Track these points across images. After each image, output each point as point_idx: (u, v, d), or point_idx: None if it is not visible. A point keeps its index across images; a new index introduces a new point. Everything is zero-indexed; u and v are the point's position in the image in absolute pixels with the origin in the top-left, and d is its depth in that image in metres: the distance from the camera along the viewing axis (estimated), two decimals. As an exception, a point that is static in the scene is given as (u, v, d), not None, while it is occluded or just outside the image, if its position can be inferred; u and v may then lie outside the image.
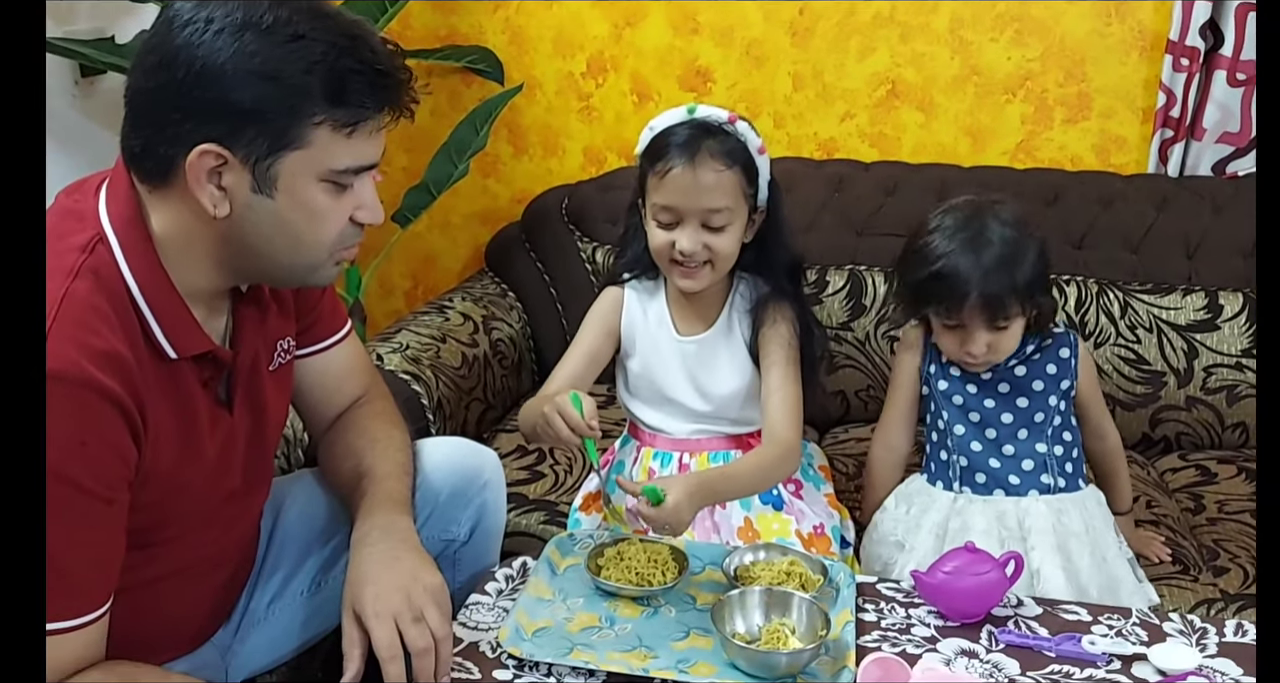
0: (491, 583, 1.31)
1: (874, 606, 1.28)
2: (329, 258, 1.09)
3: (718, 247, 1.41)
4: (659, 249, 1.44)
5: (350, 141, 1.02)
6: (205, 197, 1.00)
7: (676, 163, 1.37)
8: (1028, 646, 1.20)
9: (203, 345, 1.07)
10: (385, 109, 1.04)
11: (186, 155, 0.98)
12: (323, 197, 1.04)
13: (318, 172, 1.02)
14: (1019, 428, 1.50)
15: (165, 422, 1.04)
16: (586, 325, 1.56)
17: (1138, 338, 1.95)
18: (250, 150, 0.99)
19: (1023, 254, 1.42)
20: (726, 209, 1.40)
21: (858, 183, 2.16)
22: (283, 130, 0.99)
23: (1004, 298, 1.40)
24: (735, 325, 1.52)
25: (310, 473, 1.39)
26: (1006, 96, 2.22)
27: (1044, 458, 1.50)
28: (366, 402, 1.36)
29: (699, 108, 1.42)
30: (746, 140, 1.42)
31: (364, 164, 1.05)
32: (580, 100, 2.41)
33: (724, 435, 1.54)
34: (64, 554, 0.93)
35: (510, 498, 1.69)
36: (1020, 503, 1.48)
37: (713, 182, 1.38)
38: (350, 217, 1.08)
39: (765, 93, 2.31)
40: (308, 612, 1.31)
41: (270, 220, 1.03)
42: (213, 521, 1.16)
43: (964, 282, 1.40)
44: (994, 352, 1.45)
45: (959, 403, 1.52)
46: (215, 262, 1.06)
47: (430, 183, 2.20)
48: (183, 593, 1.17)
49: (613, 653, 1.16)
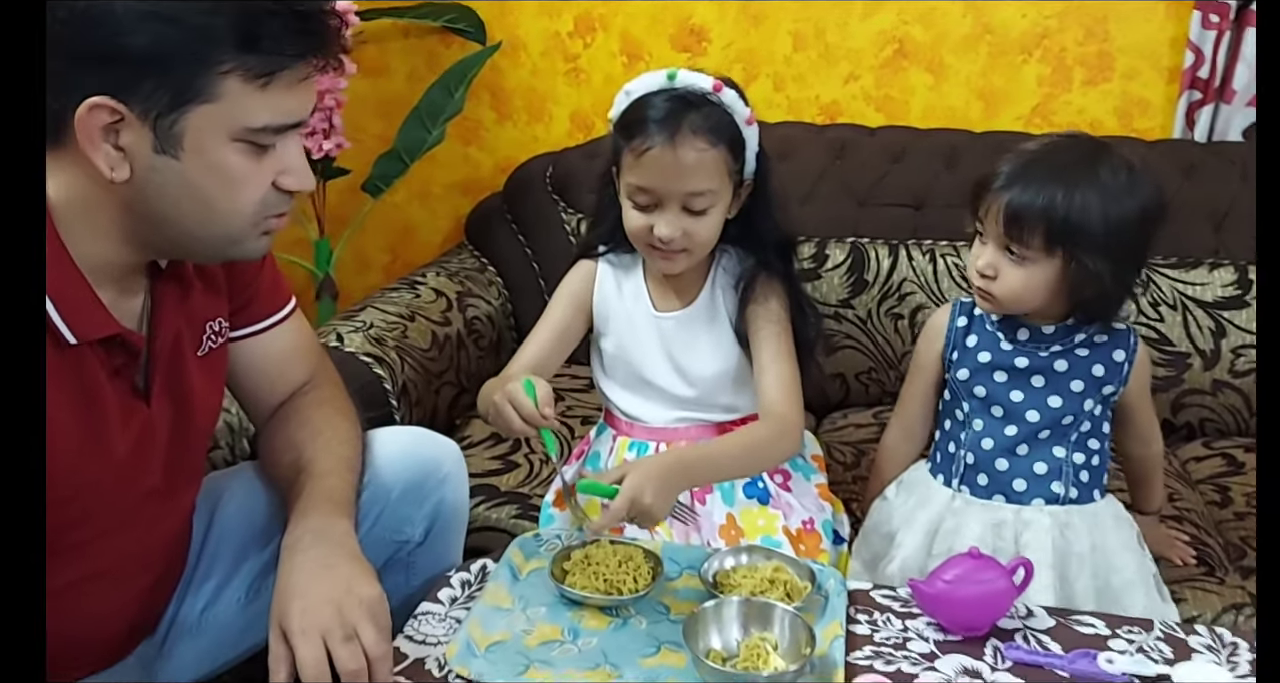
0: (445, 589, 1.19)
1: (867, 616, 1.15)
2: (252, 229, 0.97)
3: (698, 232, 1.28)
4: (635, 232, 1.30)
5: (266, 95, 0.90)
6: (100, 158, 0.88)
7: (654, 141, 1.22)
8: (1037, 663, 1.07)
9: (107, 329, 0.95)
10: (307, 57, 0.92)
11: (76, 110, 0.86)
12: (238, 159, 0.92)
13: (230, 130, 0.91)
14: (1043, 428, 1.31)
15: (60, 415, 0.92)
16: (556, 301, 1.43)
17: (1160, 316, 1.81)
18: (149, 104, 0.87)
19: (1105, 201, 1.19)
20: (709, 192, 1.25)
21: (861, 149, 2.02)
22: (186, 81, 0.87)
23: (1031, 218, 1.20)
24: (719, 302, 1.39)
25: (251, 466, 1.27)
26: (1022, 56, 2.07)
27: (1061, 464, 1.32)
28: (312, 388, 1.24)
29: (680, 74, 1.26)
30: (733, 111, 1.26)
31: (285, 122, 0.94)
32: (567, 62, 2.27)
33: (708, 423, 1.42)
34: None
35: (480, 489, 1.59)
36: (1021, 513, 1.32)
37: (694, 162, 1.23)
38: (274, 182, 0.96)
39: (764, 53, 2.17)
40: (245, 620, 1.19)
41: (177, 185, 0.91)
42: (129, 522, 1.05)
43: (1000, 176, 1.23)
44: (1001, 285, 1.25)
45: (981, 394, 1.34)
46: (121, 233, 0.94)
47: (401, 150, 2.06)
48: (96, 602, 1.05)
49: (573, 671, 1.05)
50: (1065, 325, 1.30)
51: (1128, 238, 1.21)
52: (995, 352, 1.33)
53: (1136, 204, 1.21)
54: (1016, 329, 1.32)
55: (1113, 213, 1.20)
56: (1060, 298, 1.26)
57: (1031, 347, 1.32)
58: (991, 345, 1.34)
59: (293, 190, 0.97)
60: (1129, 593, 1.29)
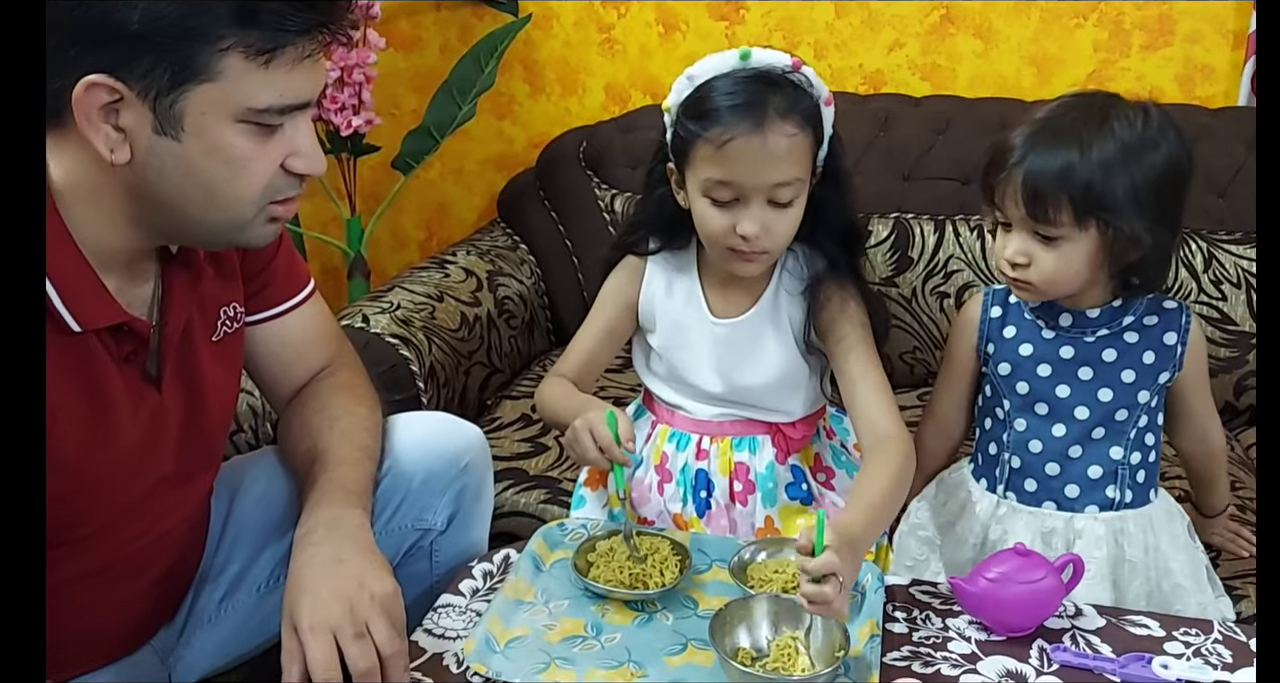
0: (467, 581, 1.16)
1: (905, 614, 1.10)
2: (257, 214, 0.94)
3: (782, 227, 1.16)
4: (715, 233, 1.18)
5: (269, 73, 0.87)
6: (100, 139, 0.86)
7: (738, 130, 1.10)
8: (1086, 667, 1.01)
9: (113, 316, 0.93)
10: (311, 32, 0.88)
11: (73, 89, 0.83)
12: (242, 141, 0.89)
13: (232, 110, 0.87)
14: (1095, 426, 1.21)
15: (66, 404, 0.90)
16: (603, 300, 1.34)
17: (1223, 294, 1.72)
18: (148, 83, 0.84)
19: (1126, 157, 1.09)
20: (797, 180, 1.14)
21: (906, 120, 1.94)
22: (185, 58, 0.84)
23: (1052, 190, 1.09)
24: (782, 307, 1.28)
25: (273, 451, 1.24)
26: (1077, 20, 1.97)
27: (1117, 466, 1.22)
28: (330, 373, 1.21)
29: (754, 52, 1.14)
30: (816, 91, 1.16)
31: (291, 102, 0.90)
32: (601, 32, 2.21)
33: (754, 421, 1.33)
34: None
35: (509, 473, 1.56)
36: (1074, 522, 1.22)
37: (785, 150, 1.11)
38: (282, 165, 0.92)
39: (804, 20, 2.09)
40: (265, 610, 1.17)
41: (179, 168, 0.88)
42: (140, 511, 1.02)
43: (1008, 153, 1.12)
44: (1036, 271, 1.14)
45: (1024, 392, 1.23)
46: (125, 217, 0.92)
47: (431, 126, 2.02)
48: (108, 594, 1.03)
49: (595, 670, 1.01)
50: (1111, 307, 1.20)
51: (1159, 192, 1.11)
52: (1037, 342, 1.23)
53: (1161, 155, 1.11)
54: (1058, 315, 1.21)
55: (1137, 169, 1.09)
56: (1103, 273, 1.16)
57: (1076, 333, 1.21)
58: (1032, 335, 1.23)
59: (302, 174, 0.94)
60: (1179, 596, 1.22)
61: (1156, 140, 1.11)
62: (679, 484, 1.34)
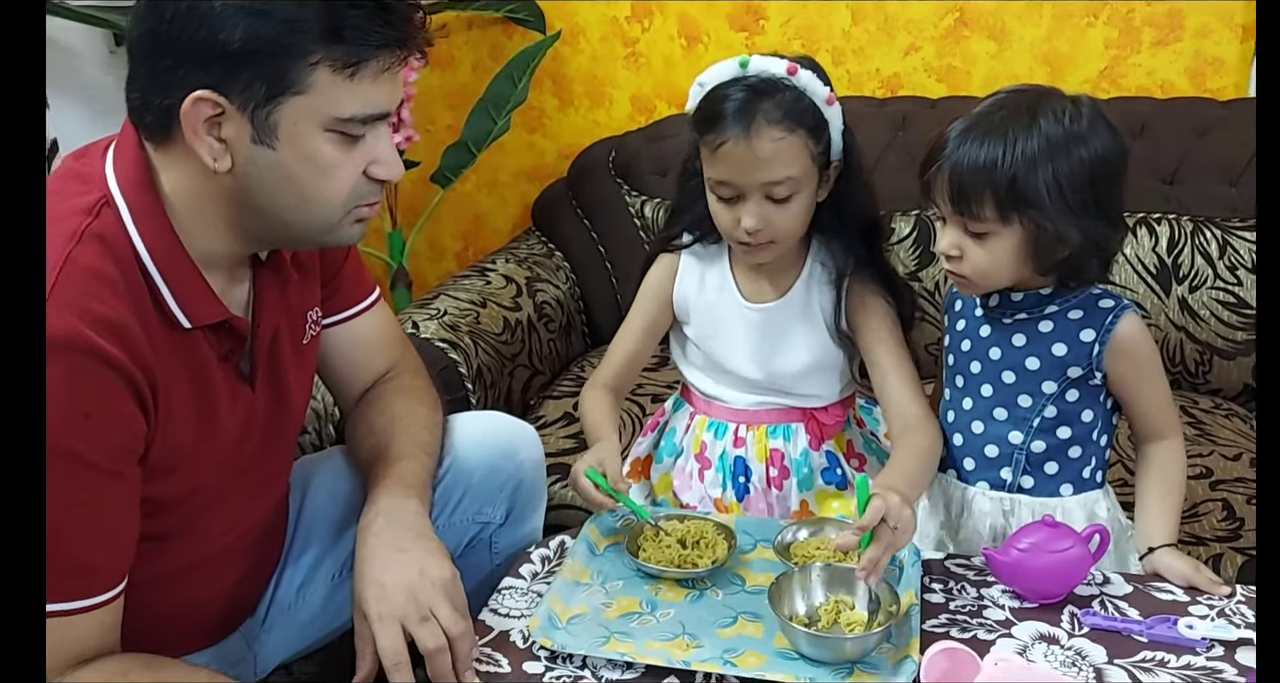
0: (526, 565, 1.23)
1: (941, 585, 1.16)
2: (344, 217, 1.00)
3: (782, 221, 1.25)
4: (724, 226, 1.28)
5: (354, 85, 0.94)
6: (204, 149, 0.93)
7: (729, 134, 1.19)
8: (1115, 629, 1.08)
9: (218, 314, 1.00)
10: (391, 47, 0.95)
11: (181, 105, 0.91)
12: (329, 148, 0.96)
13: (321, 120, 0.94)
14: (996, 406, 1.23)
15: (180, 394, 0.98)
16: (641, 298, 1.42)
17: (1238, 279, 1.78)
18: (247, 97, 0.92)
19: (1052, 152, 1.09)
20: (790, 179, 1.22)
21: (923, 121, 2.00)
22: (279, 73, 0.91)
23: (975, 187, 1.10)
24: (813, 295, 1.35)
25: (339, 450, 1.32)
26: (1088, 19, 2.03)
27: (1014, 450, 1.23)
28: (394, 377, 1.29)
29: (753, 61, 1.22)
30: (812, 93, 1.23)
31: (373, 112, 0.96)
32: (626, 46, 2.29)
33: (787, 408, 1.41)
34: (68, 532, 0.88)
35: (555, 469, 1.62)
36: (966, 493, 1.27)
37: (771, 153, 1.20)
38: (364, 172, 0.99)
39: (823, 28, 2.16)
40: (339, 599, 1.25)
41: (274, 174, 0.95)
42: (233, 504, 1.10)
43: (940, 148, 1.13)
44: (968, 264, 1.15)
45: (950, 363, 1.28)
46: (227, 224, 0.99)
47: (469, 140, 2.10)
48: (202, 585, 1.11)
49: (652, 642, 1.08)
50: (1037, 294, 1.20)
51: (1086, 188, 1.10)
52: (969, 319, 1.27)
53: (1088, 150, 1.10)
54: (989, 293, 1.23)
55: (1061, 164, 1.09)
56: (1029, 267, 1.16)
57: (997, 314, 1.23)
58: (967, 312, 1.27)
59: (383, 179, 1.00)
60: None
61: (1085, 135, 1.11)
62: (718, 471, 1.41)
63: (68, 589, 0.89)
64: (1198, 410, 1.75)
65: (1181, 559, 1.16)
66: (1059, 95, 1.15)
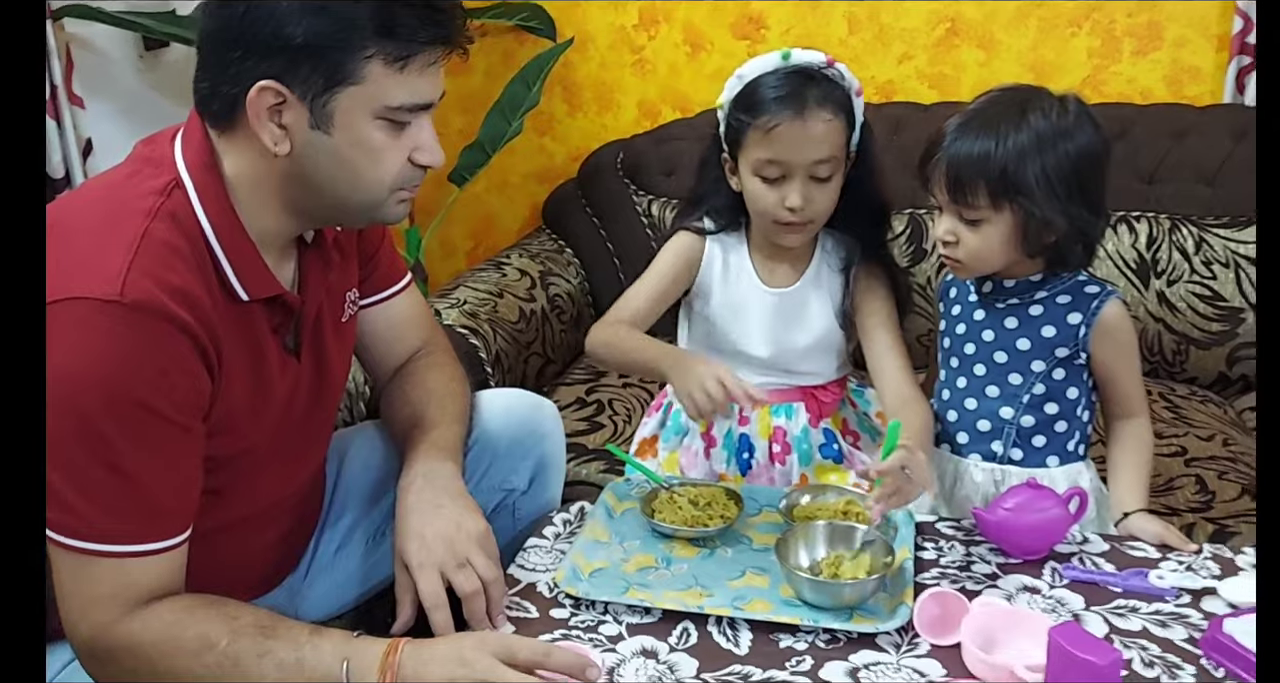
0: (549, 527, 1.33)
1: (933, 544, 1.26)
2: (390, 196, 1.09)
3: (822, 200, 1.36)
4: (766, 207, 1.36)
5: (403, 77, 1.02)
6: (266, 134, 1.02)
7: (783, 116, 1.31)
8: (1092, 581, 1.17)
9: (273, 288, 1.09)
10: (437, 43, 1.04)
11: (247, 94, 1.00)
12: (379, 134, 1.04)
13: (372, 108, 1.03)
14: (989, 384, 1.34)
15: (238, 360, 1.07)
16: (661, 266, 1.48)
17: (1213, 274, 1.89)
18: (306, 87, 1.01)
19: (1040, 145, 1.20)
20: (834, 159, 1.34)
21: (916, 125, 2.11)
22: (336, 65, 1.00)
23: (970, 177, 1.21)
24: (824, 279, 1.47)
25: (372, 425, 1.42)
26: (1072, 29, 2.15)
27: (1004, 425, 1.34)
28: (426, 354, 1.38)
29: (793, 53, 1.34)
30: (847, 84, 1.36)
31: (419, 102, 1.05)
32: (633, 53, 2.40)
33: (791, 388, 1.51)
34: (147, 479, 0.97)
35: (570, 448, 1.72)
36: (959, 465, 1.37)
37: (822, 133, 1.32)
38: (409, 157, 1.08)
39: (820, 37, 2.27)
40: (373, 559, 1.34)
41: (330, 158, 1.04)
42: (278, 465, 1.19)
43: (938, 142, 1.24)
44: (962, 249, 1.26)
45: (946, 345, 1.39)
46: (283, 203, 1.08)
47: (484, 142, 2.21)
48: (251, 537, 1.20)
49: (669, 592, 1.17)
50: (1028, 280, 1.30)
51: (1071, 179, 1.21)
52: (964, 304, 1.37)
53: (1074, 145, 1.21)
54: (984, 281, 1.34)
55: (1049, 157, 1.20)
56: (1021, 252, 1.26)
57: (991, 300, 1.33)
58: (962, 297, 1.38)
59: (425, 164, 1.09)
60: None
61: (1071, 130, 1.21)
62: (724, 448, 1.51)
63: (146, 533, 0.99)
64: (1175, 397, 1.86)
65: (1154, 521, 1.27)
66: (1047, 94, 1.26)
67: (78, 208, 1.06)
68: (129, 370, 0.95)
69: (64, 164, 1.83)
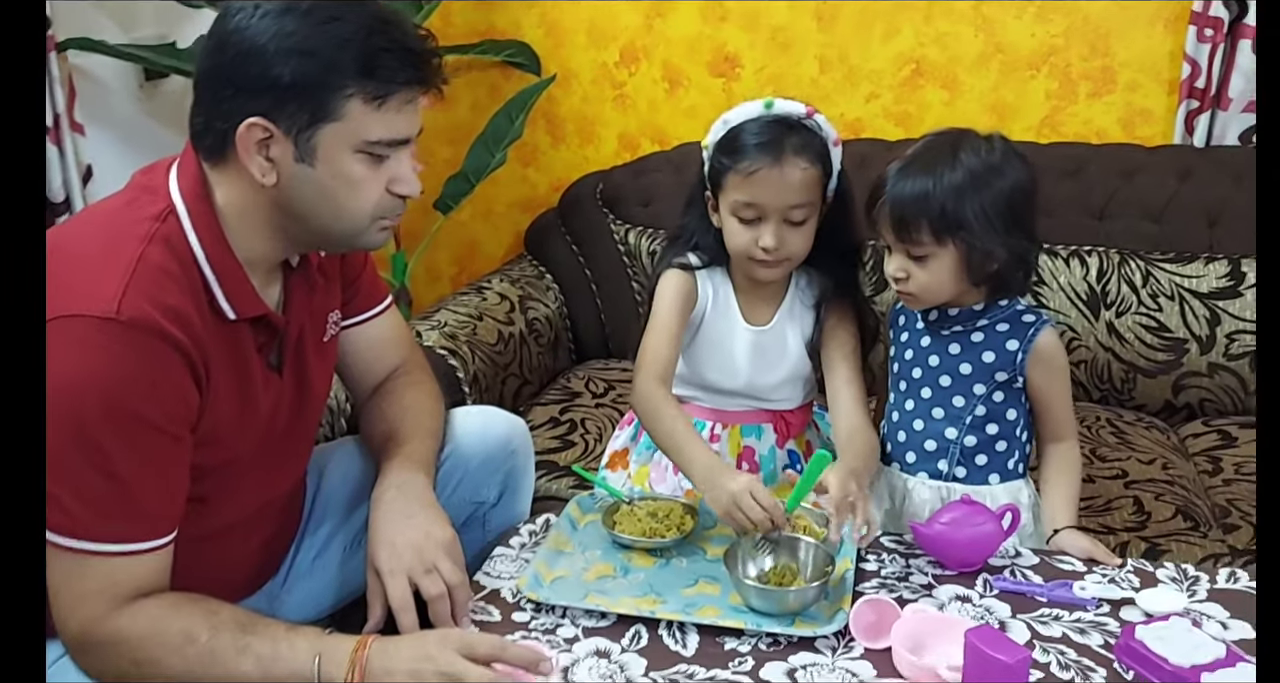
0: (515, 537, 1.40)
1: (875, 556, 1.34)
2: (371, 224, 1.17)
3: (796, 242, 1.43)
4: (741, 246, 1.44)
5: (381, 114, 1.10)
6: (255, 167, 1.10)
7: (761, 162, 1.38)
8: (1020, 592, 1.25)
9: (259, 309, 1.17)
10: (414, 83, 1.12)
11: (237, 129, 1.08)
12: (359, 167, 1.12)
13: (352, 143, 1.11)
14: (934, 407, 1.43)
15: (225, 376, 1.14)
16: (668, 311, 1.50)
17: (1159, 306, 1.98)
18: (292, 123, 1.09)
19: (976, 181, 1.29)
20: (809, 204, 1.41)
21: (880, 161, 2.14)
22: (320, 104, 1.08)
23: (913, 216, 1.29)
24: (797, 316, 1.54)
25: (352, 440, 1.50)
26: (1031, 72, 2.25)
27: (949, 445, 1.42)
28: (404, 372, 1.46)
29: (775, 102, 1.42)
30: (825, 134, 1.43)
31: (396, 137, 1.13)
32: (614, 89, 2.50)
33: (759, 410, 1.58)
34: (138, 484, 1.05)
35: (541, 465, 1.80)
36: (908, 483, 1.46)
37: (798, 180, 1.38)
38: (388, 188, 1.15)
39: (792, 76, 2.37)
40: (350, 566, 1.41)
41: (313, 189, 1.12)
42: (261, 475, 1.26)
43: (880, 186, 1.33)
44: (914, 283, 1.35)
45: (895, 370, 1.48)
46: (271, 229, 1.16)
47: (469, 172, 2.30)
48: (234, 544, 1.27)
49: (624, 598, 1.25)
50: (970, 309, 1.39)
51: (1006, 212, 1.30)
52: (912, 331, 1.46)
53: (1005, 181, 1.31)
54: (929, 310, 1.42)
55: (984, 193, 1.29)
56: (967, 282, 1.35)
57: (936, 327, 1.42)
58: (910, 325, 1.47)
59: (403, 195, 1.17)
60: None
61: (1001, 167, 1.32)
62: (692, 465, 1.59)
63: (135, 533, 1.06)
64: (1121, 422, 1.95)
65: (1082, 537, 1.35)
66: (974, 135, 1.36)
67: (79, 231, 1.14)
68: (124, 383, 1.03)
69: (64, 189, 1.91)
